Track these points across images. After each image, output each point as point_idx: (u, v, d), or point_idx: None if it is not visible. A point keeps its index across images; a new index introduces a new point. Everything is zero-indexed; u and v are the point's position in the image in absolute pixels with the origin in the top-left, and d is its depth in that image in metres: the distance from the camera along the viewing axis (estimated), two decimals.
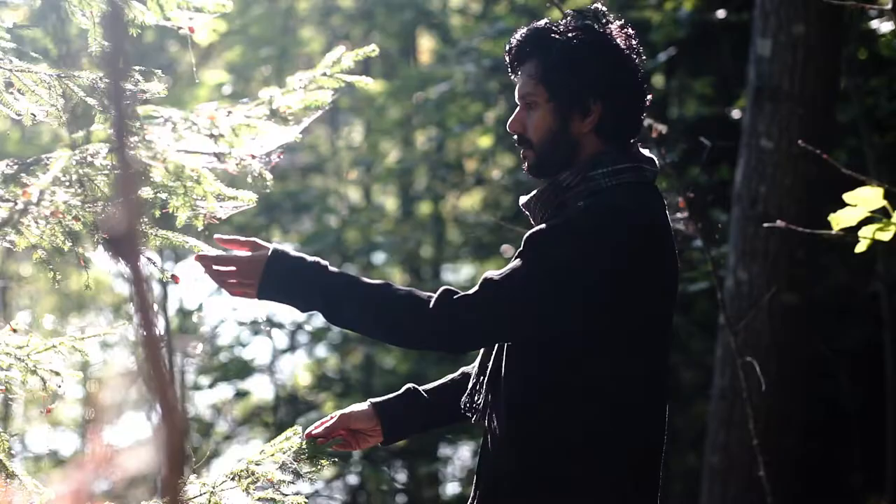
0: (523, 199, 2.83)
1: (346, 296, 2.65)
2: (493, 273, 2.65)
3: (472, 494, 2.83)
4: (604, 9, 2.79)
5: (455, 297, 2.62)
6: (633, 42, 2.78)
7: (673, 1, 7.53)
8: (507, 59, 2.83)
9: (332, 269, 2.68)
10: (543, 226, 2.67)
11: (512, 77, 2.85)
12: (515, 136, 2.83)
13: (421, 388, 3.01)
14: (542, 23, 2.80)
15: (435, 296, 2.63)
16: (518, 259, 2.66)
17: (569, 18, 2.77)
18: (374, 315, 2.66)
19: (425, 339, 2.70)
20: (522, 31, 2.80)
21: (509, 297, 2.61)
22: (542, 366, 2.67)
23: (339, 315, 2.69)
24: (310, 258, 2.68)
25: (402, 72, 10.34)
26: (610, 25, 2.77)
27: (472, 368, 2.90)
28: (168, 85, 2.65)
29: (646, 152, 2.81)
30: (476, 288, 2.64)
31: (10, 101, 2.69)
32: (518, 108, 2.82)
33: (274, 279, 2.65)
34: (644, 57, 2.82)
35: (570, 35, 2.75)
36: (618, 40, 2.76)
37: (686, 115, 7.72)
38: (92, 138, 2.34)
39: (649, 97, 2.82)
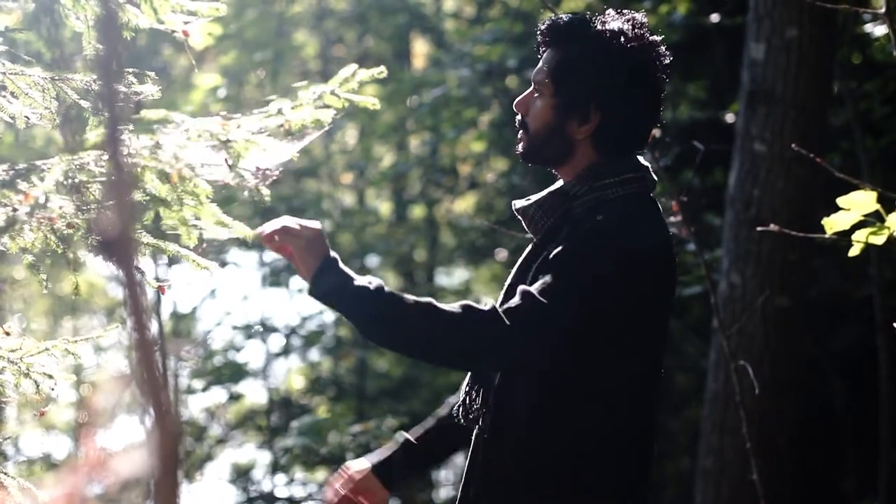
0: (520, 204, 2.81)
1: (387, 314, 2.56)
2: (533, 289, 2.58)
3: (463, 496, 2.81)
4: (643, 18, 2.74)
5: (505, 316, 2.54)
6: (662, 60, 2.73)
7: (667, 5, 7.54)
8: (537, 37, 2.80)
9: (372, 286, 2.58)
10: (570, 245, 2.62)
11: (538, 54, 2.83)
12: (517, 116, 2.82)
13: (414, 438, 3.02)
14: (578, 16, 2.76)
15: (483, 313, 2.54)
16: (550, 276, 2.59)
17: (607, 16, 2.73)
18: (422, 336, 2.58)
19: (473, 358, 2.64)
20: (557, 16, 2.77)
21: (556, 320, 2.55)
22: (556, 371, 2.66)
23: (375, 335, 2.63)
24: (358, 279, 2.59)
25: (396, 76, 10.34)
26: (645, 38, 2.71)
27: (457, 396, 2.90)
28: (161, 88, 2.65)
29: (643, 161, 2.80)
30: (520, 304, 2.56)
31: (4, 105, 2.69)
32: (530, 89, 2.81)
33: (323, 289, 2.60)
34: (668, 75, 2.75)
35: (595, 38, 2.71)
36: (643, 54, 2.71)
37: (680, 118, 7.72)
38: (88, 144, 2.34)
39: (660, 114, 2.78)
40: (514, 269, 2.79)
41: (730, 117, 7.23)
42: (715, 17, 7.41)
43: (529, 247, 2.80)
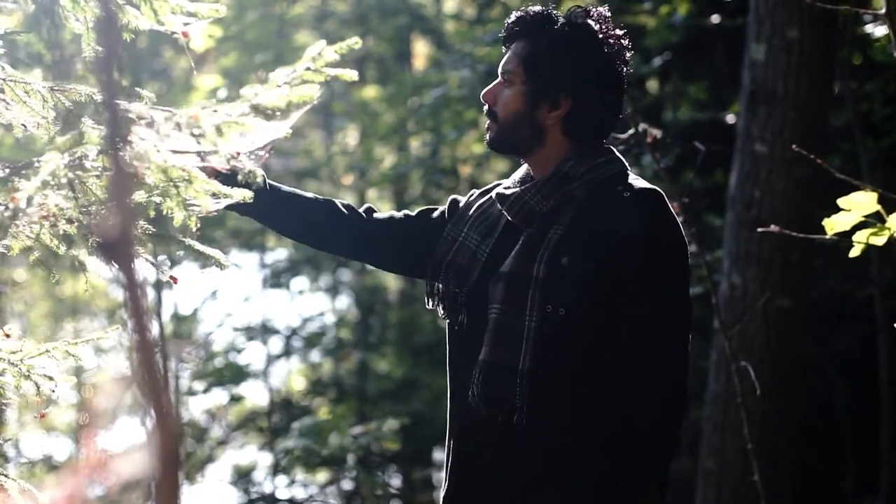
0: (511, 191, 2.80)
1: None
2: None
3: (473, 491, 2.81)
4: (608, 13, 2.82)
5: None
6: (626, 53, 2.81)
7: (668, 6, 7.54)
8: (503, 31, 2.86)
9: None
10: (650, 255, 2.71)
11: (503, 49, 2.88)
12: (485, 107, 2.85)
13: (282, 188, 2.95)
14: (544, 8, 2.83)
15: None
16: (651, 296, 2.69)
17: (573, 12, 2.80)
18: None
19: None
20: (525, 9, 2.83)
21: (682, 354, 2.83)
22: (586, 359, 2.69)
23: None
24: None
25: (397, 77, 10.34)
26: (608, 31, 2.79)
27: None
28: (162, 90, 2.64)
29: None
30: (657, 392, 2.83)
31: (2, 111, 2.68)
32: (496, 81, 2.85)
33: None
34: (631, 67, 2.85)
35: (565, 28, 2.78)
36: (610, 46, 2.78)
37: (680, 119, 7.72)
38: (83, 140, 2.33)
39: (625, 106, 2.87)
40: (512, 257, 2.75)
41: (730, 118, 7.23)
42: (715, 18, 7.42)
43: (525, 233, 2.78)
